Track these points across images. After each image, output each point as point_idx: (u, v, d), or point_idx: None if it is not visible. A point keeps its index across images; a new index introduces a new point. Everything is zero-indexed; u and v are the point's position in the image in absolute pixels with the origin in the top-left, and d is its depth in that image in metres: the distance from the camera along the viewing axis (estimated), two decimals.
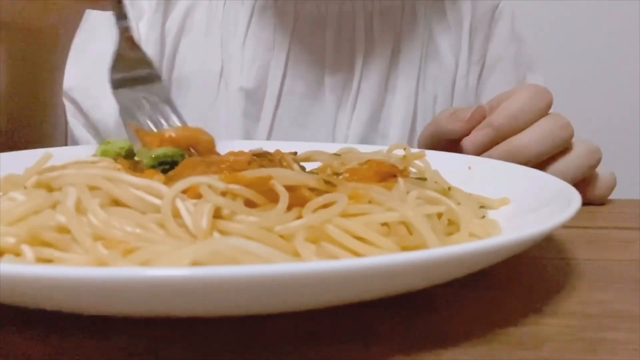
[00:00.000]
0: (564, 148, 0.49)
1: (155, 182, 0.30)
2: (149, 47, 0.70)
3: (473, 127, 0.50)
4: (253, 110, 0.70)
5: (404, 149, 0.43)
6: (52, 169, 0.33)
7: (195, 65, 0.71)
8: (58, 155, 0.37)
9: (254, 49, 0.71)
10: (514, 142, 0.48)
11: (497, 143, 0.48)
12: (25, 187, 0.32)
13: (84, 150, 0.46)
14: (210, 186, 0.29)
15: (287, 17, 0.71)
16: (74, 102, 0.68)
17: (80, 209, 0.29)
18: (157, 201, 0.29)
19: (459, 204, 0.35)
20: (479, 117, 0.50)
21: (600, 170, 0.51)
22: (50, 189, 0.31)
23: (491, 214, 0.38)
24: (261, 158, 0.35)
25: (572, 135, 0.49)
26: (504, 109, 0.49)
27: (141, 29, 0.70)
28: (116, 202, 0.30)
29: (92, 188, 0.30)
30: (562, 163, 0.48)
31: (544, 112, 0.49)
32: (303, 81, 0.71)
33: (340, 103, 0.71)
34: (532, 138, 0.48)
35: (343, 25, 0.71)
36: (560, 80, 1.23)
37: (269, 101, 0.70)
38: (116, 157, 0.38)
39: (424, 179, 0.38)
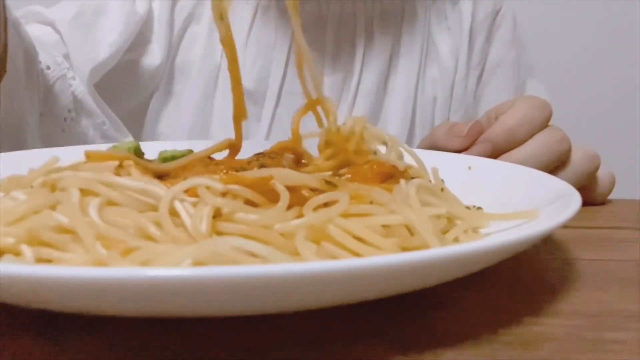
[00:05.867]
0: (563, 161, 0.49)
1: (152, 184, 0.30)
2: (160, 27, 0.70)
3: (470, 143, 0.50)
4: (253, 110, 0.70)
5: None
6: (58, 169, 0.33)
7: (196, 55, 0.72)
8: (66, 154, 0.37)
9: (256, 49, 0.71)
10: (511, 158, 0.47)
11: (495, 158, 0.48)
12: (31, 187, 0.32)
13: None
14: (208, 187, 0.29)
15: (288, 16, 0.71)
16: (58, 33, 0.66)
17: (82, 208, 0.29)
18: (156, 203, 0.29)
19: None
20: (475, 133, 0.50)
21: (599, 171, 0.51)
22: (54, 189, 0.31)
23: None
24: (264, 157, 0.35)
25: (569, 148, 0.49)
26: (501, 124, 0.49)
27: (154, 7, 0.70)
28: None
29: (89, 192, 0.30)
30: (561, 175, 0.48)
31: (542, 125, 0.49)
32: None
33: (339, 104, 0.72)
34: (529, 153, 0.48)
35: (343, 26, 0.71)
36: (561, 80, 1.23)
37: (269, 100, 0.71)
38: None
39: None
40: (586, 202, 0.34)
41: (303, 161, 0.39)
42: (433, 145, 0.52)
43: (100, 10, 0.68)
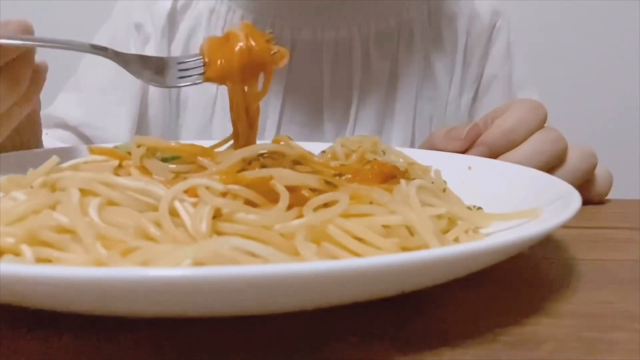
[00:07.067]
0: (560, 160, 0.49)
1: (151, 184, 0.30)
2: None
3: (468, 146, 0.50)
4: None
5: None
6: (58, 169, 0.33)
7: (191, 87, 0.71)
8: (65, 154, 0.37)
9: None
10: (508, 160, 0.48)
11: None
12: (31, 187, 0.32)
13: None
14: (208, 187, 0.29)
15: (283, 45, 0.70)
16: (83, 137, 0.69)
17: (81, 208, 0.29)
18: (156, 203, 0.29)
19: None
20: (474, 136, 0.50)
21: (597, 169, 0.51)
22: (54, 189, 0.31)
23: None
24: (265, 158, 0.35)
25: (565, 148, 0.49)
26: (497, 126, 0.49)
27: (147, 53, 0.70)
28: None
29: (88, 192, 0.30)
30: (559, 174, 0.48)
31: (538, 127, 0.49)
32: (302, 110, 0.71)
33: (339, 131, 0.71)
34: (525, 154, 0.48)
35: (340, 52, 0.71)
36: (561, 81, 1.23)
37: (269, 130, 0.70)
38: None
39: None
40: (585, 201, 0.34)
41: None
42: (431, 149, 0.53)
43: (106, 91, 0.70)
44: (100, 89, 0.70)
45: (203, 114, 0.71)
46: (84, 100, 0.70)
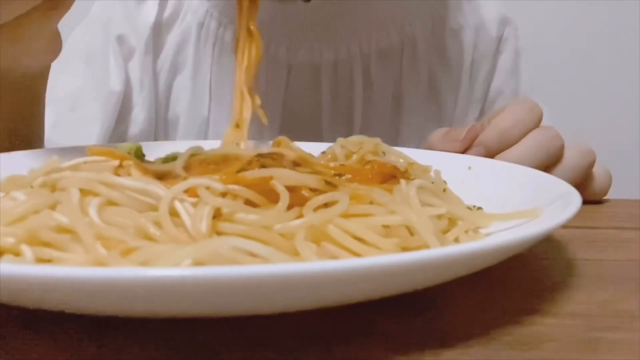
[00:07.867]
0: (557, 158, 0.49)
1: (152, 184, 0.30)
2: (143, 88, 0.67)
3: (467, 147, 0.50)
4: None
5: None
6: (58, 169, 0.33)
7: (184, 105, 0.69)
8: (65, 153, 0.37)
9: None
10: (505, 158, 0.48)
11: None
12: (31, 187, 0.32)
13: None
14: (208, 187, 0.29)
15: (279, 67, 0.67)
16: (55, 143, 0.66)
17: (81, 208, 0.29)
18: (156, 203, 0.29)
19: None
20: (472, 137, 0.50)
21: (595, 168, 0.52)
22: (54, 189, 0.31)
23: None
24: (264, 157, 0.35)
25: (562, 146, 0.49)
26: (494, 127, 0.50)
27: (131, 69, 0.67)
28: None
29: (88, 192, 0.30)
30: (556, 172, 0.48)
31: (534, 126, 0.49)
32: (301, 138, 0.69)
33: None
34: (522, 153, 0.48)
35: (339, 74, 0.67)
36: (561, 81, 1.23)
37: None
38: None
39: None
40: (584, 199, 0.34)
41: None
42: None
43: (76, 105, 0.66)
44: (69, 102, 0.66)
45: (195, 137, 0.67)
46: (51, 112, 0.65)
